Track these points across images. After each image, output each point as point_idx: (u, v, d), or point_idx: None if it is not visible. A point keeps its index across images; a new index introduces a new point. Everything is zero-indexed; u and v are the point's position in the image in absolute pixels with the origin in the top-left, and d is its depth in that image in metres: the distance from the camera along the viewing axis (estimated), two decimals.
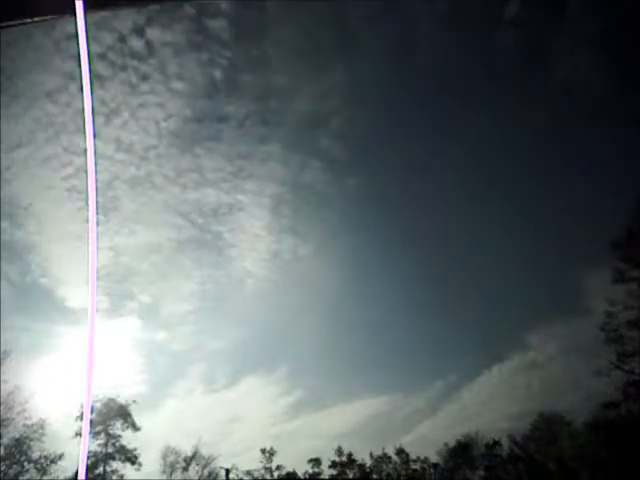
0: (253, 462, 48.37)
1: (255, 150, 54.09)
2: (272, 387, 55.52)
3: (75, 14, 1.91)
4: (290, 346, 57.51)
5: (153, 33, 44.72)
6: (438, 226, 53.52)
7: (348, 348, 56.57)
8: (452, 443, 46.10)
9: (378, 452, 48.77)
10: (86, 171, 2.04)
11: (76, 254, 47.52)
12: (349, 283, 57.69)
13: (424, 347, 54.76)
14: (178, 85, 48.25)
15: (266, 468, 47.65)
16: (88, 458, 36.35)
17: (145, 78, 46.19)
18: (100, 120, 44.70)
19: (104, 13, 2.21)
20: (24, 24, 2.05)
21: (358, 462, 48.53)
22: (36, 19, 2.02)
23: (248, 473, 46.81)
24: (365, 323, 57.53)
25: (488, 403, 50.83)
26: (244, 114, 50.43)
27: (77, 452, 38.73)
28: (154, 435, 45.95)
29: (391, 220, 55.13)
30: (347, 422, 54.30)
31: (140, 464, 42.62)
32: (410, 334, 54.99)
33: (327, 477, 49.20)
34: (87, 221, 1.98)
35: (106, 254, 48.69)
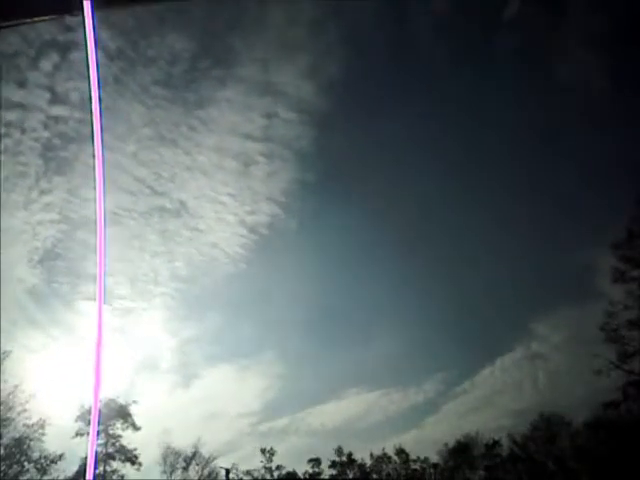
0: (243, 460, 46.80)
1: (213, 96, 45.28)
2: (256, 380, 51.01)
3: (82, 13, 1.90)
4: (273, 335, 52.02)
5: None
6: (437, 211, 49.39)
7: (338, 337, 51.74)
8: (452, 443, 46.08)
9: (375, 451, 48.06)
10: (93, 170, 2.02)
11: (24, 228, 43.35)
12: (339, 264, 51.53)
13: (422, 338, 49.90)
14: (113, 17, 40.62)
15: (266, 468, 47.56)
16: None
17: None
18: (24, 63, 39.88)
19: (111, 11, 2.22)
20: (24, 24, 2.05)
21: (358, 462, 48.41)
22: (36, 19, 2.02)
23: (248, 473, 46.74)
24: (357, 310, 52.01)
25: (490, 398, 49.00)
26: (197, 52, 43.13)
27: (77, 452, 38.58)
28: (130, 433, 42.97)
29: (387, 191, 48.38)
30: (341, 419, 51.34)
31: (140, 464, 42.59)
32: (408, 324, 50.58)
33: (314, 477, 48.07)
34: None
35: (59, 228, 43.71)
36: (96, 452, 40.93)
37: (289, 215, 48.81)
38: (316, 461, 48.12)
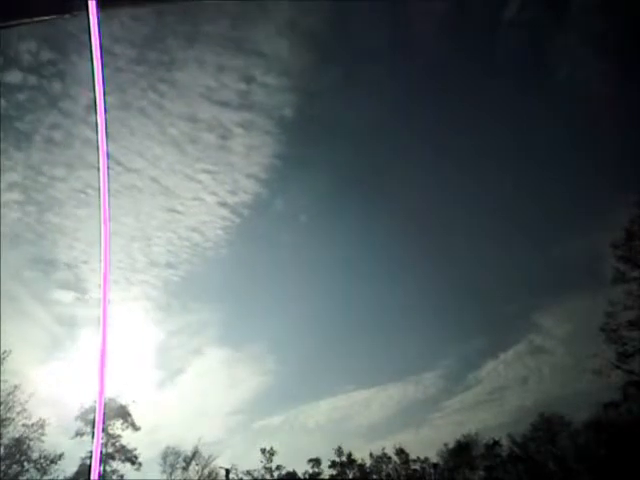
0: (237, 459, 45.74)
1: (180, 57, 40.07)
2: (247, 376, 48.15)
3: (86, 14, 1.90)
4: (262, 327, 48.58)
5: None
6: (439, 206, 46.94)
7: (333, 330, 48.26)
8: (452, 443, 45.94)
9: (372, 449, 47.46)
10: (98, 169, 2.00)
11: None
12: (329, 247, 47.35)
13: (422, 332, 47.66)
14: None
15: (266, 468, 47.46)
16: (88, 458, 36.31)
17: None
18: None
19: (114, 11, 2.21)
20: (24, 24, 2.05)
21: (358, 462, 48.26)
22: (36, 19, 2.02)
23: (248, 473, 46.67)
24: (353, 299, 48.24)
25: (492, 394, 47.86)
26: (159, 9, 37.63)
27: (77, 452, 38.50)
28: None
29: (380, 165, 44.38)
30: (338, 417, 49.41)
31: (140, 464, 42.47)
32: (407, 317, 47.96)
33: (305, 476, 47.22)
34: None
35: (25, 210, 40.33)
36: (101, 453, 40.62)
37: (273, 194, 45.10)
38: (316, 461, 48.05)
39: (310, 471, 47.90)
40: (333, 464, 48.10)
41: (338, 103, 43.09)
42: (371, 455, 47.83)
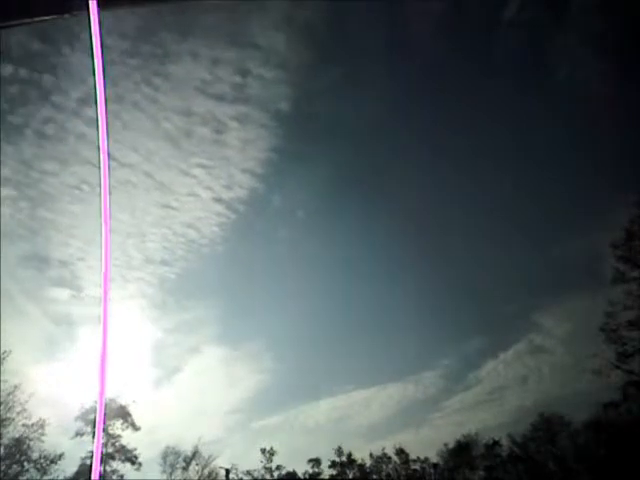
0: (235, 459, 45.39)
1: (174, 49, 38.37)
2: (244, 375, 47.43)
3: (87, 14, 1.90)
4: (260, 326, 47.56)
5: None
6: (439, 206, 46.75)
7: (331, 328, 47.52)
8: (452, 443, 45.92)
9: (372, 449, 47.29)
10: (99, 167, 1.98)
11: None
12: (327, 244, 46.13)
13: (422, 331, 46.97)
14: None
15: (266, 468, 47.44)
16: (88, 458, 36.33)
17: None
18: None
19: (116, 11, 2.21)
20: (24, 24, 2.05)
21: (358, 462, 48.28)
22: (36, 19, 2.02)
23: (248, 473, 46.67)
24: (351, 297, 47.21)
25: (492, 394, 47.55)
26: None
27: (77, 452, 38.50)
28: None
29: (378, 157, 43.11)
30: (336, 416, 49.07)
31: (140, 464, 42.47)
32: (406, 316, 46.97)
33: (304, 476, 46.93)
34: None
35: (17, 206, 39.07)
36: (101, 453, 40.56)
37: (269, 189, 43.97)
38: (316, 461, 48.07)
39: (310, 471, 48.01)
40: (333, 464, 48.16)
41: (335, 97, 42.10)
42: (371, 455, 47.96)
